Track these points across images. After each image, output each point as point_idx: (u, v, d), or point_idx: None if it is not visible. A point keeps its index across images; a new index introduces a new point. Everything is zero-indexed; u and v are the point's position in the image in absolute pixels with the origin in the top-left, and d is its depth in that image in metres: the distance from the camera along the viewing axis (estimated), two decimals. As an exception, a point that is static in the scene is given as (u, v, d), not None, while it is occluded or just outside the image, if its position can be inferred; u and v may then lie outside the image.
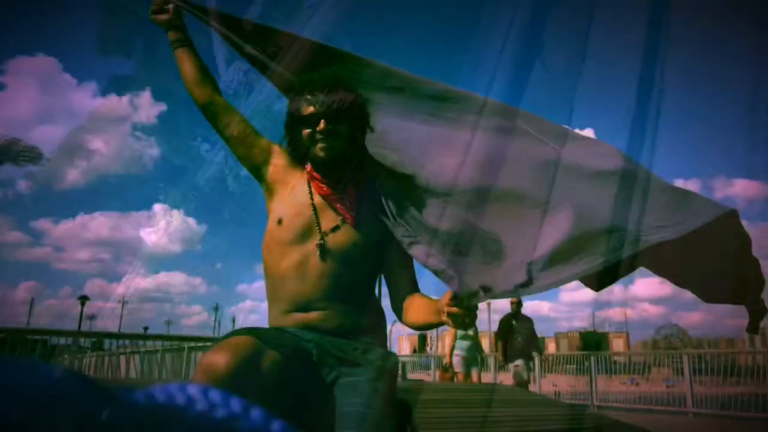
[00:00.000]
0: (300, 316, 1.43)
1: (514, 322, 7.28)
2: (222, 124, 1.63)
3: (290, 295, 1.46)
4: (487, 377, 7.30)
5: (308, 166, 1.55)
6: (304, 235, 1.47)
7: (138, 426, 0.20)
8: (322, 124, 1.46)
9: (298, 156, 1.58)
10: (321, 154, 1.47)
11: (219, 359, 1.17)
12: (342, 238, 1.48)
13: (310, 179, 1.53)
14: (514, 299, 7.31)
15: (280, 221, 1.50)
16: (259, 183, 1.63)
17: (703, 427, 6.42)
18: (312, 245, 1.46)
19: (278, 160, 1.61)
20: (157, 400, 0.23)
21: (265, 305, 1.46)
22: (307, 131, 1.49)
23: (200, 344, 8.22)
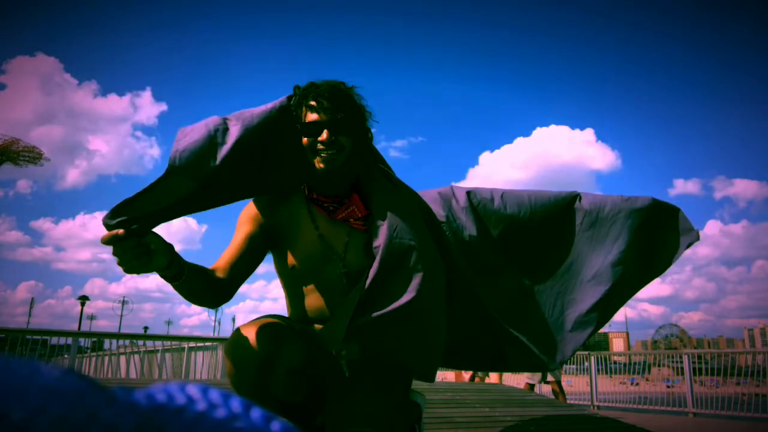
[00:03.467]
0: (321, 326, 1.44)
1: None
2: (247, 272, 1.41)
3: (313, 310, 1.46)
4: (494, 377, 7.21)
5: (306, 189, 1.47)
6: (320, 265, 1.43)
7: (138, 426, 0.20)
8: (324, 134, 1.36)
9: (284, 183, 1.46)
10: (320, 166, 1.38)
11: (250, 332, 1.19)
12: (357, 251, 1.42)
13: (310, 203, 1.45)
14: None
15: (293, 267, 1.44)
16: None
17: (703, 427, 6.41)
18: (332, 270, 1.42)
19: (264, 215, 1.45)
20: (157, 400, 0.23)
21: (265, 305, 1.48)
22: (306, 140, 1.38)
23: (200, 344, 8.23)
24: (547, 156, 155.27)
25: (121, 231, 1.10)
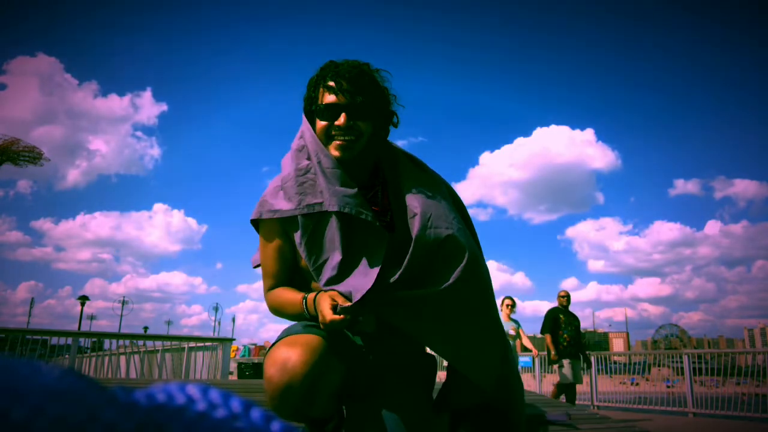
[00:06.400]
0: None
1: (561, 317, 6.71)
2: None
3: None
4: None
5: None
6: None
7: (138, 426, 0.20)
8: (342, 118, 1.26)
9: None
10: (335, 152, 1.28)
11: (294, 354, 1.12)
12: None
13: None
14: (563, 293, 6.93)
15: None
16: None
17: (703, 427, 6.41)
18: None
19: (279, 222, 1.31)
20: (157, 400, 0.23)
21: (265, 305, 1.43)
22: (323, 124, 1.29)
23: (200, 344, 8.24)
24: (547, 156, 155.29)
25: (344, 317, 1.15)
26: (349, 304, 1.15)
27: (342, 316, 1.13)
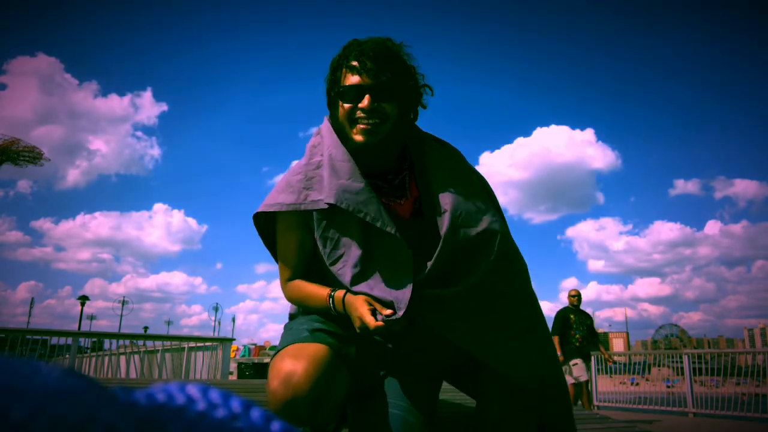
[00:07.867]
0: None
1: (572, 317, 6.66)
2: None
3: None
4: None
5: None
6: None
7: (138, 426, 0.20)
8: (366, 101, 1.19)
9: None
10: (358, 137, 1.20)
11: (299, 366, 1.08)
12: (412, 235, 1.20)
13: None
14: (574, 292, 6.87)
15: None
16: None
17: (703, 427, 6.41)
18: None
19: (299, 214, 1.26)
20: (157, 400, 0.23)
21: (265, 305, 1.43)
22: (346, 107, 1.21)
23: (200, 344, 8.23)
24: (547, 156, 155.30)
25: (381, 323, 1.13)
26: (390, 312, 1.13)
27: (383, 323, 1.11)
